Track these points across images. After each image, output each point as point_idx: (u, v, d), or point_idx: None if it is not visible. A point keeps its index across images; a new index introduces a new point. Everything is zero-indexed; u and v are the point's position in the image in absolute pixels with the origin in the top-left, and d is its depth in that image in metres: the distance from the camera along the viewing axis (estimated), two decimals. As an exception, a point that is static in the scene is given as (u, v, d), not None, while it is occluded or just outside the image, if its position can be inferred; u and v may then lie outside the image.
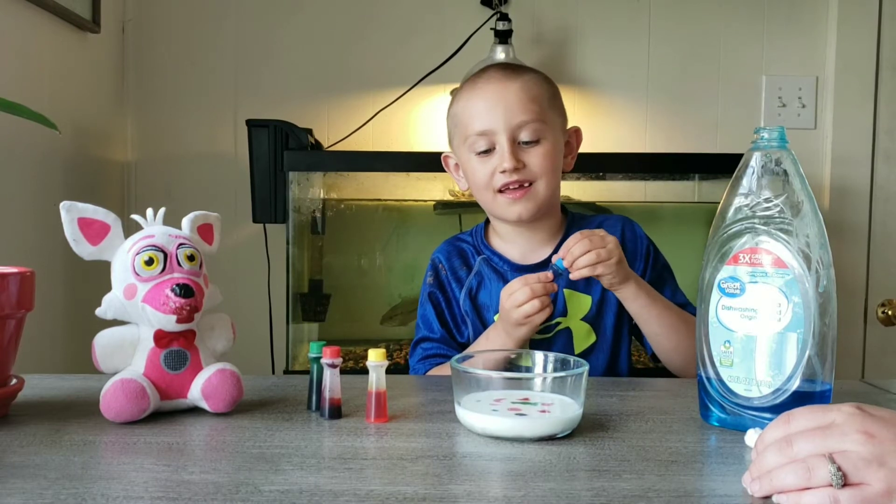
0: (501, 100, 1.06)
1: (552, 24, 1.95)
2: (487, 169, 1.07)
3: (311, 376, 0.77)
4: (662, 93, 1.97)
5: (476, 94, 1.08)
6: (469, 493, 0.56)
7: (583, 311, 1.11)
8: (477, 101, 1.08)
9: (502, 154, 1.05)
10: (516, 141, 1.06)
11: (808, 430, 0.54)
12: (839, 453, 0.51)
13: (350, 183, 1.85)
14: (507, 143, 1.05)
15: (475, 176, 1.09)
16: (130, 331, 0.74)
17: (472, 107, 1.08)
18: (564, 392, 0.73)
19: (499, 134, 1.05)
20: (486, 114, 1.06)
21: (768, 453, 0.54)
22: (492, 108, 1.06)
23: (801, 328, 0.69)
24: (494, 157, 1.06)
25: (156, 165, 1.93)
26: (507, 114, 1.05)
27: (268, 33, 1.93)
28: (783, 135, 0.73)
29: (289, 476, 0.58)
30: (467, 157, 1.09)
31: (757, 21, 1.96)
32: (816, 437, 0.52)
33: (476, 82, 1.10)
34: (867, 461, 0.50)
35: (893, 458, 0.50)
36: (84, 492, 0.55)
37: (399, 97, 1.88)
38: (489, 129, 1.06)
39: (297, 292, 1.75)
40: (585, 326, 1.11)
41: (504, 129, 1.05)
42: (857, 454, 0.50)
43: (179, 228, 0.78)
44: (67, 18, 1.59)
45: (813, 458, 0.51)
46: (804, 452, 0.52)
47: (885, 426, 0.51)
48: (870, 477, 0.50)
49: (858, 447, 0.51)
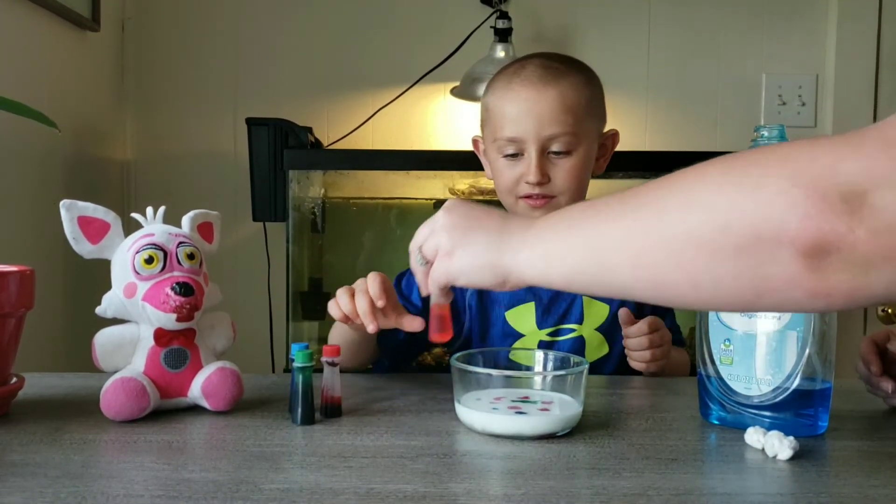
0: (534, 108, 1.01)
1: (552, 22, 1.95)
2: (513, 174, 1.03)
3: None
4: (662, 91, 1.97)
5: (510, 97, 1.03)
6: (469, 491, 0.56)
7: (599, 321, 1.08)
8: (509, 106, 1.02)
9: (529, 165, 1.01)
10: (546, 151, 1.01)
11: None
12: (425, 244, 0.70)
13: (350, 181, 1.85)
14: (535, 154, 1.00)
15: (500, 177, 1.05)
16: (130, 329, 0.74)
17: (504, 108, 1.03)
18: (564, 390, 0.73)
19: (528, 143, 1.01)
20: (518, 120, 1.01)
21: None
22: (524, 115, 1.01)
23: (801, 326, 0.69)
24: (521, 164, 1.02)
25: (156, 164, 1.93)
26: (538, 124, 1.00)
27: (267, 32, 1.93)
28: (783, 133, 0.73)
29: (289, 474, 0.59)
30: (494, 156, 1.06)
31: (757, 19, 1.96)
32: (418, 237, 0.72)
33: (512, 81, 1.03)
34: (435, 241, 0.67)
35: (451, 231, 0.65)
36: (84, 490, 0.55)
37: (399, 95, 1.88)
38: (519, 137, 1.01)
39: (297, 291, 1.75)
40: (599, 337, 1.08)
41: (534, 140, 1.00)
42: (433, 241, 0.67)
43: (179, 227, 0.78)
44: (67, 17, 1.59)
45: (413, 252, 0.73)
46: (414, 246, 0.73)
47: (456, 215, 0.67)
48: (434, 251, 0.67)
49: (435, 237, 0.67)
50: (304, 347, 0.73)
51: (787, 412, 0.70)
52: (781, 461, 0.63)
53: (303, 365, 0.72)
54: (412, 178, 1.82)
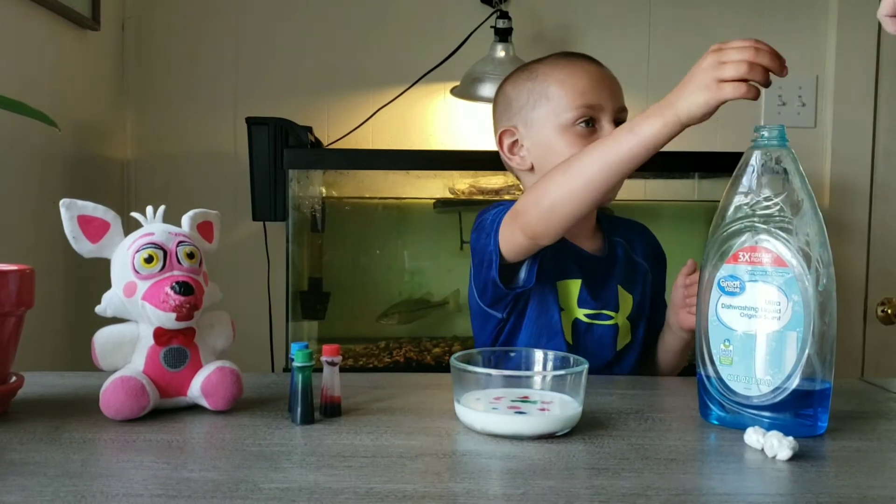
0: (608, 80, 1.06)
1: (552, 22, 1.95)
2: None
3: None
4: (662, 91, 1.93)
5: (580, 72, 1.05)
6: (468, 490, 0.56)
7: (628, 310, 1.11)
8: (582, 75, 1.05)
9: (609, 132, 1.00)
10: (615, 124, 1.04)
11: None
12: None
13: (350, 181, 1.85)
14: (611, 123, 1.03)
15: (571, 152, 0.97)
16: (130, 328, 0.74)
17: (576, 79, 1.05)
18: (564, 390, 0.73)
19: (605, 111, 1.04)
20: (595, 89, 1.04)
21: None
22: (598, 84, 1.05)
23: (801, 327, 0.69)
24: (595, 136, 1.02)
25: (155, 163, 1.93)
26: (613, 94, 1.05)
27: (267, 31, 1.93)
28: (783, 133, 0.73)
29: (288, 474, 0.58)
30: (558, 134, 1.04)
31: (757, 19, 1.96)
32: None
33: (573, 60, 1.07)
34: None
35: None
36: (84, 489, 0.55)
37: (399, 95, 1.88)
38: (597, 104, 1.04)
39: (297, 290, 1.75)
40: (628, 325, 1.11)
41: (610, 109, 1.04)
42: None
43: (179, 226, 0.78)
44: (67, 16, 1.59)
45: None
46: None
47: None
48: None
49: None
50: (304, 347, 0.73)
51: (787, 412, 0.70)
52: (781, 461, 0.63)
53: (302, 364, 0.72)
54: (412, 177, 1.82)
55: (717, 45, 0.79)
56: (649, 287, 1.15)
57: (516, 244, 0.96)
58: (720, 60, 0.78)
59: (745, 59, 0.76)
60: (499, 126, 1.12)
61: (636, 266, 1.15)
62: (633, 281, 1.12)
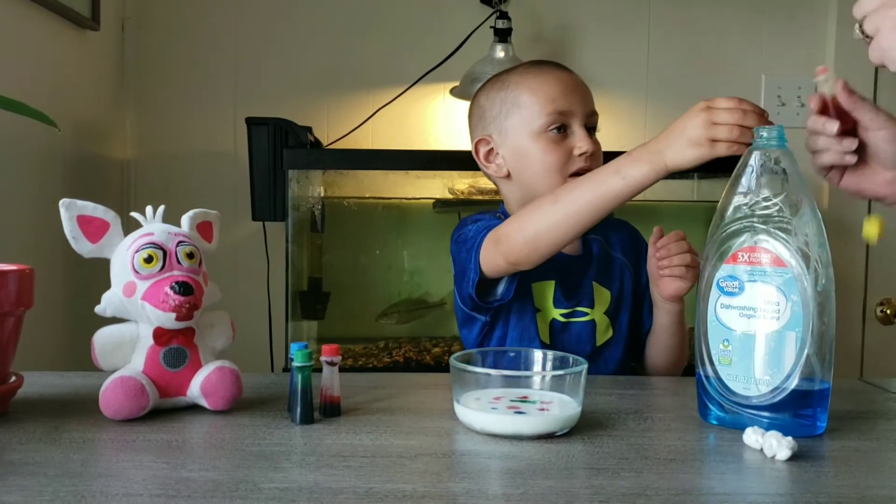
0: (577, 86, 1.09)
1: (552, 22, 1.95)
2: (562, 150, 1.06)
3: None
4: (662, 91, 1.97)
5: (550, 79, 1.09)
6: (468, 490, 0.56)
7: (605, 305, 1.13)
8: (552, 82, 1.08)
9: (581, 137, 1.06)
10: (586, 128, 1.08)
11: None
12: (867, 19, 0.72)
13: (349, 181, 1.85)
14: (581, 127, 1.07)
15: (545, 158, 1.07)
16: (130, 328, 0.74)
17: (547, 86, 1.08)
18: (563, 390, 0.73)
19: (576, 116, 1.07)
20: (566, 95, 1.07)
21: None
22: (569, 91, 1.08)
23: (800, 327, 0.69)
24: (568, 140, 1.07)
25: (155, 163, 1.93)
26: (583, 99, 1.09)
27: (267, 31, 1.93)
28: (782, 133, 0.73)
29: (288, 473, 0.59)
30: (532, 140, 1.07)
31: (756, 20, 1.96)
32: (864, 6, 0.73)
33: (543, 69, 1.11)
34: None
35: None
36: (83, 489, 0.55)
37: (399, 95, 1.88)
38: (568, 110, 1.07)
39: (297, 290, 1.75)
40: (606, 320, 1.13)
41: (581, 113, 1.07)
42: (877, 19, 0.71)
43: (179, 226, 0.78)
44: (67, 16, 1.59)
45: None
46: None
47: None
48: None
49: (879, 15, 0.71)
50: (304, 347, 0.73)
51: (786, 412, 0.70)
52: (780, 461, 0.63)
53: (302, 364, 0.72)
54: (412, 177, 1.82)
55: (706, 103, 0.85)
56: (630, 281, 1.16)
57: (496, 266, 0.99)
58: (712, 121, 0.84)
59: (736, 122, 0.82)
60: (474, 135, 1.16)
61: (612, 261, 1.17)
62: (609, 276, 1.14)
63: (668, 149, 0.87)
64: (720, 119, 0.83)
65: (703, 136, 0.84)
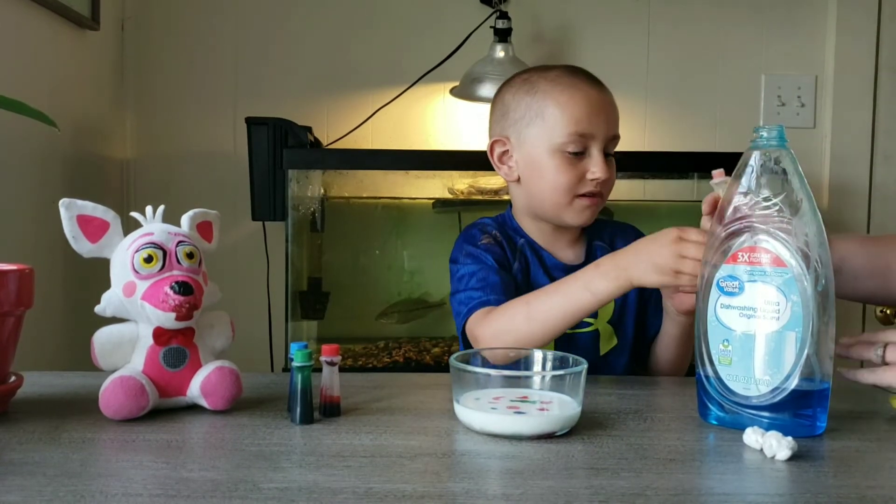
0: (604, 108, 1.06)
1: (552, 22, 1.95)
2: (576, 172, 1.04)
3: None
4: (662, 91, 1.97)
5: (578, 96, 1.05)
6: (468, 490, 0.56)
7: (608, 315, 1.11)
8: (581, 102, 1.05)
9: (596, 162, 1.04)
10: (604, 152, 1.06)
11: None
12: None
13: (349, 181, 1.85)
14: (600, 152, 1.05)
15: (557, 177, 1.05)
16: (129, 328, 0.74)
17: (574, 105, 1.05)
18: (563, 390, 0.73)
19: (596, 140, 1.04)
20: (591, 117, 1.04)
21: None
22: (596, 113, 1.05)
23: (800, 327, 0.69)
24: (583, 163, 1.05)
25: (155, 163, 1.93)
26: (607, 124, 1.06)
27: (267, 31, 1.93)
28: (782, 134, 0.73)
29: (287, 473, 0.59)
30: (548, 155, 1.05)
31: (756, 20, 1.96)
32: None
33: (574, 82, 1.07)
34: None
35: None
36: (83, 489, 0.55)
37: (398, 95, 1.88)
38: (588, 133, 1.04)
39: (297, 290, 1.75)
40: (609, 329, 1.12)
41: (601, 139, 1.05)
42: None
43: (179, 226, 0.78)
44: (67, 16, 1.59)
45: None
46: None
47: None
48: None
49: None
50: (303, 347, 0.73)
51: (786, 412, 0.70)
52: (780, 461, 0.63)
53: (302, 364, 0.72)
54: (411, 177, 1.82)
55: (677, 232, 0.86)
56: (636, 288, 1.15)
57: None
58: (681, 254, 0.85)
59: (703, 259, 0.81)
60: (493, 133, 1.13)
61: None
62: None
63: (635, 268, 0.89)
64: (689, 253, 0.85)
65: (669, 266, 0.86)
